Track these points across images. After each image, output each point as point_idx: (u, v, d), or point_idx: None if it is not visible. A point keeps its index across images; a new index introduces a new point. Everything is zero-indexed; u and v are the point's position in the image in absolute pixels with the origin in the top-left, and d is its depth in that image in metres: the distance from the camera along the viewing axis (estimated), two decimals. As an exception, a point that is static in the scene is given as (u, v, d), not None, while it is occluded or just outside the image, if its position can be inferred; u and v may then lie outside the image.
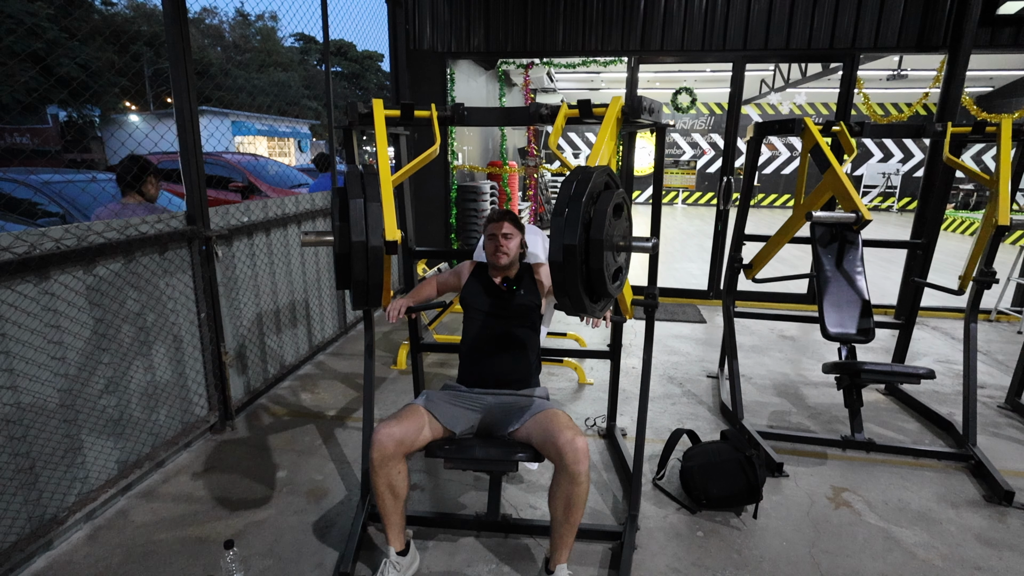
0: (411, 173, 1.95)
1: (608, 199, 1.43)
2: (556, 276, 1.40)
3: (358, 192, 1.55)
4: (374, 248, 1.53)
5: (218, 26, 26.58)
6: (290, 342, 3.64)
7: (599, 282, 1.43)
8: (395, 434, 1.78)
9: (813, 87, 10.59)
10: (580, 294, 1.41)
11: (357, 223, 1.53)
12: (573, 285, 1.39)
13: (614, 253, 1.48)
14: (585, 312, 1.49)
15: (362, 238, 1.52)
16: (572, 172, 1.45)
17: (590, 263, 1.41)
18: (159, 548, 2.04)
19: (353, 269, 1.55)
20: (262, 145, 20.18)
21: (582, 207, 1.36)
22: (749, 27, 4.75)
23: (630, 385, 3.39)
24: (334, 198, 1.62)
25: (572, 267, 1.37)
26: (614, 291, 1.51)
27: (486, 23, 5.13)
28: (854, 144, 2.70)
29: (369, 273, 1.56)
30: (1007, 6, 4.36)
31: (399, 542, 1.87)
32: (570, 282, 1.39)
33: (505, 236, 2.14)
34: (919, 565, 2.02)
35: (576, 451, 1.70)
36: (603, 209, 1.40)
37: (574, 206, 1.37)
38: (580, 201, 1.37)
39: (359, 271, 1.55)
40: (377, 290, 1.60)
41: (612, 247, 1.45)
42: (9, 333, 1.85)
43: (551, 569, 1.82)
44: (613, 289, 1.49)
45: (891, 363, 3.07)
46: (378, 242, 1.53)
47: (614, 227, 1.46)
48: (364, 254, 1.53)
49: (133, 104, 19.83)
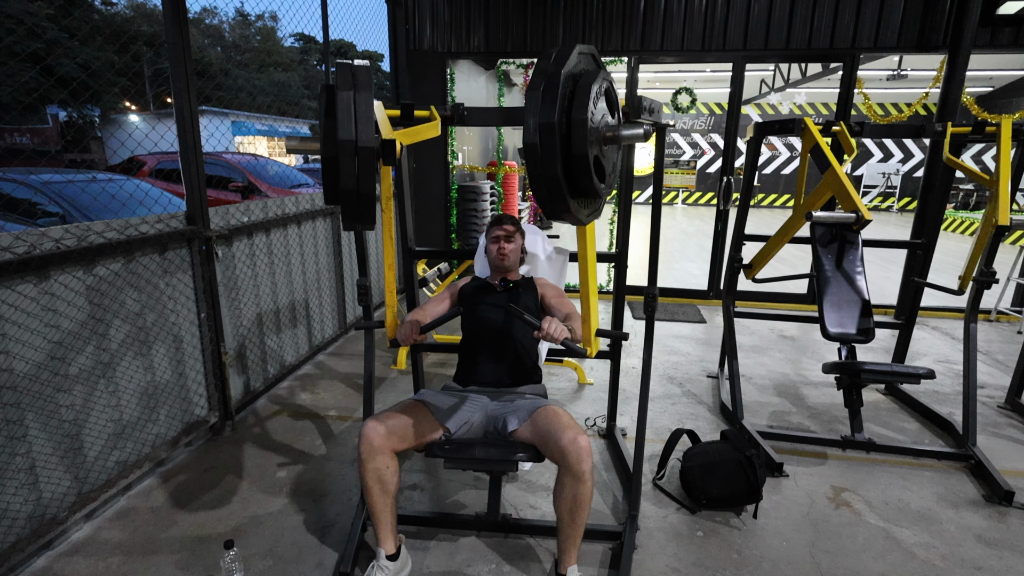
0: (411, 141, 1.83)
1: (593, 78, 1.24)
2: (531, 165, 1.20)
3: (348, 84, 1.32)
4: (364, 148, 1.30)
5: (218, 26, 26.57)
6: (290, 342, 3.64)
7: (583, 172, 1.23)
8: (382, 428, 1.77)
9: (813, 87, 10.60)
10: (560, 184, 1.20)
11: (345, 118, 1.30)
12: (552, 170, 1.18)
13: (600, 144, 1.29)
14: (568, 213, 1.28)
15: (351, 136, 1.29)
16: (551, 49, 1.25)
17: (572, 147, 1.20)
18: (159, 548, 2.04)
19: (341, 175, 1.31)
20: (262, 145, 20.18)
21: (561, 81, 1.17)
22: (749, 27, 4.75)
23: (630, 385, 3.39)
24: (321, 95, 1.38)
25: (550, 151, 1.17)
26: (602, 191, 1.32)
27: (486, 23, 5.13)
28: (854, 144, 2.70)
29: (360, 179, 1.31)
30: (1007, 6, 4.36)
31: (390, 544, 1.85)
32: (549, 167, 1.18)
33: (507, 238, 2.18)
34: (919, 565, 2.02)
35: (579, 450, 1.68)
36: (587, 84, 1.22)
37: (552, 79, 1.17)
38: (559, 74, 1.17)
39: (348, 177, 1.31)
40: (370, 202, 1.36)
41: (599, 137, 1.27)
42: (9, 333, 1.85)
43: (562, 572, 1.82)
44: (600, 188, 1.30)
45: (891, 363, 3.07)
46: (369, 140, 1.30)
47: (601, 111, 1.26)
48: (353, 155, 1.30)
49: (133, 104, 19.83)
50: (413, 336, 1.83)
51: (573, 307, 2.09)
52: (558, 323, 1.62)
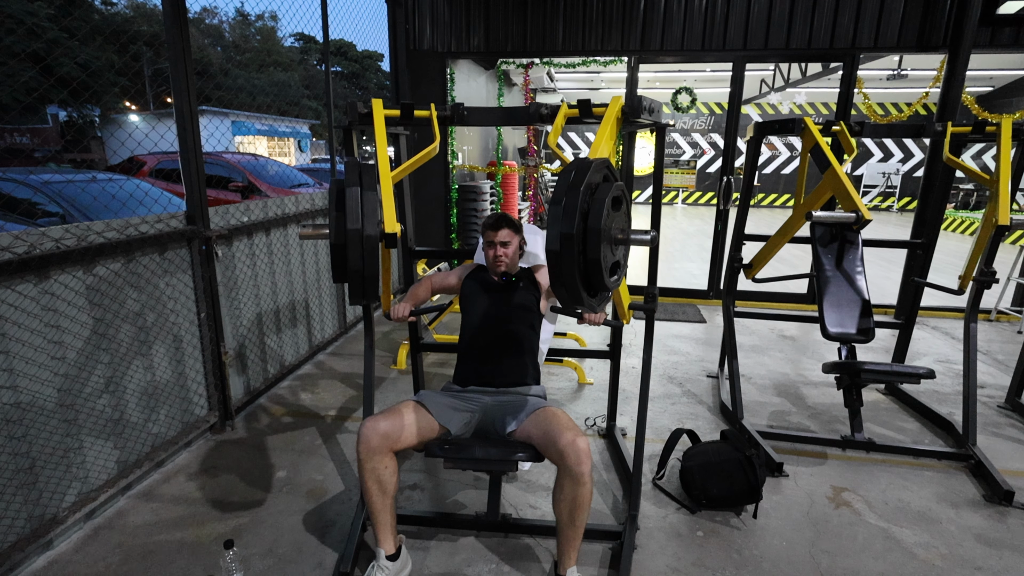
0: (410, 171, 1.94)
1: (607, 191, 1.40)
2: (552, 266, 1.37)
3: (355, 180, 1.52)
4: (370, 237, 1.50)
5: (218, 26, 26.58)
6: (290, 342, 3.64)
7: (596, 274, 1.39)
8: (380, 428, 1.77)
9: (813, 87, 10.59)
10: (577, 285, 1.37)
11: (353, 211, 1.49)
12: (570, 276, 1.35)
13: (612, 246, 1.45)
14: (582, 305, 1.45)
15: (357, 226, 1.49)
16: (571, 163, 1.43)
17: (588, 253, 1.37)
18: (159, 548, 2.04)
19: (349, 259, 1.51)
20: (262, 145, 20.18)
21: (580, 196, 1.33)
22: (749, 27, 4.75)
23: (630, 385, 3.39)
24: (332, 189, 1.57)
25: (569, 257, 1.33)
26: (612, 285, 1.48)
27: (486, 23, 5.13)
28: (854, 144, 2.70)
29: (365, 263, 1.51)
30: (1007, 6, 4.35)
31: (389, 544, 1.86)
32: (567, 272, 1.35)
33: (503, 244, 2.12)
34: (919, 565, 2.02)
35: (578, 452, 1.69)
36: (602, 198, 1.37)
37: (572, 194, 1.34)
38: (578, 189, 1.33)
39: (355, 261, 1.51)
40: (374, 282, 1.56)
41: (610, 239, 1.42)
42: (9, 333, 1.85)
43: (562, 573, 1.82)
44: (611, 283, 1.47)
45: (891, 363, 3.07)
46: (374, 231, 1.50)
47: (612, 219, 1.43)
48: (360, 243, 1.49)
49: (133, 104, 19.83)
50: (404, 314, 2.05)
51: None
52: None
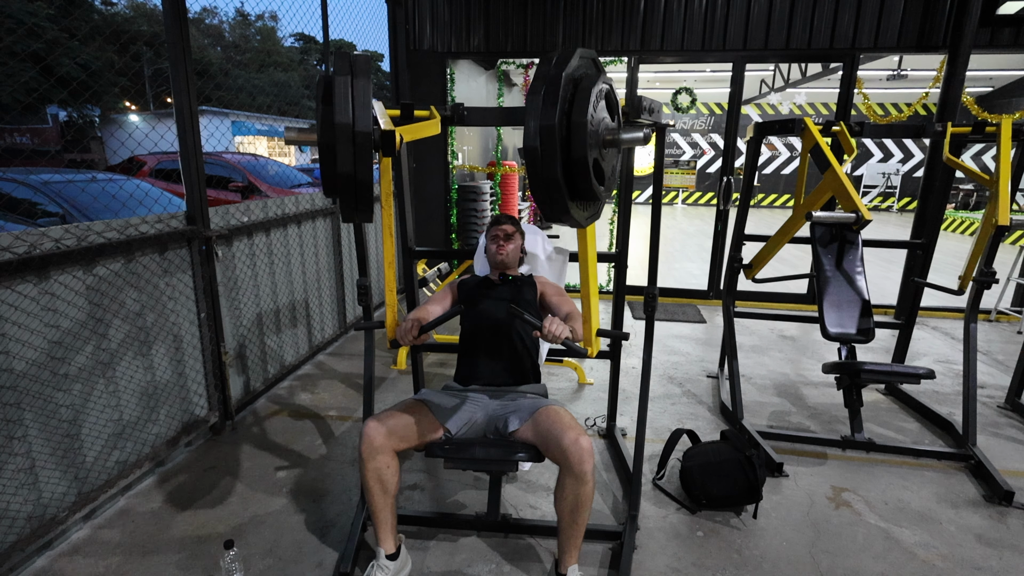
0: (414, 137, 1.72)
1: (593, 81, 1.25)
2: (531, 167, 1.20)
3: (345, 70, 1.28)
4: (361, 132, 1.25)
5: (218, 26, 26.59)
6: (290, 342, 3.64)
7: (583, 176, 1.23)
8: (383, 427, 1.78)
9: (813, 87, 10.60)
10: (560, 186, 1.21)
11: (342, 104, 1.26)
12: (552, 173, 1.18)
13: (600, 148, 1.29)
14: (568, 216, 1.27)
15: (347, 120, 1.25)
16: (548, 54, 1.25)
17: (572, 151, 1.21)
18: (159, 548, 2.04)
19: (338, 161, 1.27)
20: (262, 145, 20.18)
21: (562, 84, 1.17)
22: (749, 27, 4.75)
23: (630, 385, 3.39)
24: (319, 84, 1.34)
25: (550, 153, 1.17)
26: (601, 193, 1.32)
27: (486, 23, 5.13)
28: (854, 144, 2.70)
29: (357, 165, 1.27)
30: (1007, 6, 4.36)
31: (389, 544, 1.86)
32: (548, 170, 1.18)
33: (506, 236, 2.20)
34: (919, 565, 2.02)
35: (581, 451, 1.68)
36: (588, 88, 1.22)
37: (552, 82, 1.17)
38: (560, 76, 1.17)
39: (345, 163, 1.27)
40: (368, 191, 1.32)
41: (598, 140, 1.27)
42: (9, 333, 1.85)
43: (562, 572, 1.82)
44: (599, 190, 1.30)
45: (891, 363, 3.07)
46: (366, 126, 1.26)
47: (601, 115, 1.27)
48: (351, 141, 1.25)
49: (133, 104, 19.84)
50: (413, 335, 1.76)
51: (573, 305, 2.09)
52: (559, 322, 1.59)
